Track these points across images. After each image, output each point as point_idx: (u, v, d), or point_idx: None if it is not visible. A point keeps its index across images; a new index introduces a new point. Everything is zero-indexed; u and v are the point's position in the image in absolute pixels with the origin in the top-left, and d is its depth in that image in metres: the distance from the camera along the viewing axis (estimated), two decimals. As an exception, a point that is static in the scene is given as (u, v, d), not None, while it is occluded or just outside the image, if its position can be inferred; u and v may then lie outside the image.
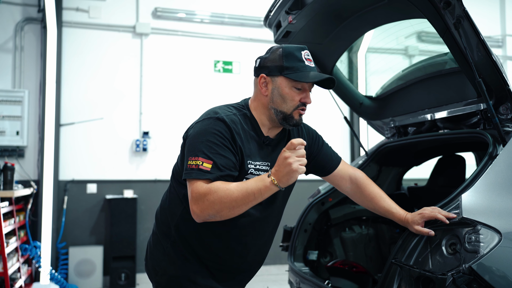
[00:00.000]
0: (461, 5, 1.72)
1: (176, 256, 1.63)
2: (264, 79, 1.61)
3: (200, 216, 1.44)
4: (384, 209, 1.79)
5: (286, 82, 1.57)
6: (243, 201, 1.41)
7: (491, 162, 1.73)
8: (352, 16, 2.32)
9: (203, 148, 1.47)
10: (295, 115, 1.59)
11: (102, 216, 5.34)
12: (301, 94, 1.58)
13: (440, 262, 1.57)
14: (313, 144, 1.81)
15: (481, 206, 1.58)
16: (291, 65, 1.56)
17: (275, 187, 1.42)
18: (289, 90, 1.57)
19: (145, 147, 5.48)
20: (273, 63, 1.59)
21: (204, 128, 1.52)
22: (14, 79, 5.16)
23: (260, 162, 1.59)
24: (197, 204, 1.42)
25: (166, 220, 1.69)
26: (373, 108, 2.87)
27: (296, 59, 1.57)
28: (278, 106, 1.58)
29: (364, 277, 2.52)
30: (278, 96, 1.58)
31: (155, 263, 1.69)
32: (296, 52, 1.58)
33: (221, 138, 1.49)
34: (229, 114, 1.58)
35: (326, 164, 1.83)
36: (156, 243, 1.71)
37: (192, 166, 1.46)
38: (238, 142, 1.53)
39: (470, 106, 2.10)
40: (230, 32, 5.93)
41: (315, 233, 2.82)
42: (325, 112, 5.92)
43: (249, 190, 1.41)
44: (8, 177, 4.02)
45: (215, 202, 1.40)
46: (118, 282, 4.99)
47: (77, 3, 5.43)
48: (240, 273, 1.70)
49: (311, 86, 1.61)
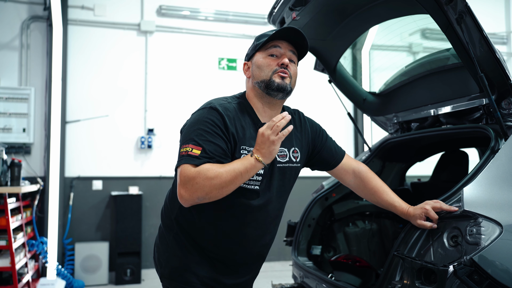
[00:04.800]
0: (463, 1, 1.73)
1: (179, 248, 1.65)
2: (246, 65, 1.70)
3: (189, 200, 1.45)
4: (387, 202, 1.80)
5: (260, 54, 1.64)
6: (232, 181, 1.44)
7: (493, 156, 1.74)
8: (355, 12, 2.34)
9: (193, 136, 1.50)
10: (275, 78, 1.60)
11: (108, 212, 5.39)
12: (277, 59, 1.62)
13: (442, 254, 1.59)
14: (316, 138, 1.81)
15: (482, 199, 1.60)
16: (261, 40, 1.64)
17: (260, 164, 1.46)
18: (263, 59, 1.62)
19: (150, 144, 5.51)
20: (250, 49, 1.70)
21: (197, 118, 1.56)
22: (20, 77, 5.21)
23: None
24: (186, 187, 1.44)
25: (168, 213, 1.72)
26: (377, 104, 2.88)
27: (265, 35, 1.64)
28: (258, 77, 1.62)
29: (367, 272, 2.54)
30: (256, 69, 1.63)
31: (160, 256, 1.72)
32: (267, 32, 1.65)
33: (212, 126, 1.52)
34: (222, 103, 1.61)
35: (330, 158, 1.84)
36: (161, 236, 1.75)
37: (182, 153, 1.49)
38: (231, 129, 1.54)
39: (473, 101, 2.12)
40: (234, 29, 5.95)
41: (318, 228, 2.84)
42: (328, 108, 5.94)
43: (236, 170, 1.45)
44: (16, 173, 4.06)
45: (205, 184, 1.42)
46: (123, 278, 5.04)
47: (83, 1, 5.47)
48: (242, 266, 1.70)
49: (288, 53, 1.64)
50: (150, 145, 5.51)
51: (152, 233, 5.47)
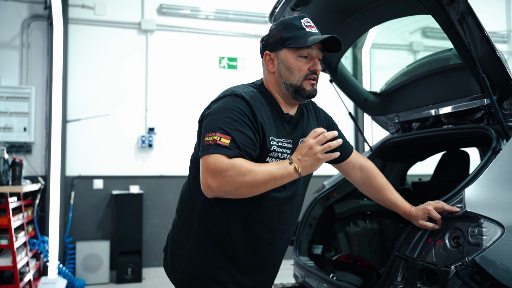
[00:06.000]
0: (465, 1, 1.73)
1: (200, 252, 1.56)
2: (269, 56, 1.57)
3: (215, 191, 1.37)
4: (390, 201, 1.80)
5: (290, 53, 1.52)
6: (264, 183, 1.39)
7: (494, 157, 1.75)
8: (357, 12, 2.34)
9: (221, 124, 1.41)
10: (306, 85, 1.53)
11: (109, 211, 5.39)
12: (309, 62, 1.53)
13: (444, 255, 1.60)
14: (330, 129, 1.77)
15: (484, 200, 1.61)
16: (291, 34, 1.51)
17: (297, 174, 1.42)
18: (294, 61, 1.52)
19: (151, 143, 5.52)
20: (274, 38, 1.55)
21: (222, 105, 1.46)
22: (21, 76, 5.21)
23: (282, 139, 1.53)
24: (215, 178, 1.36)
25: (187, 213, 1.62)
26: (378, 103, 2.88)
27: (296, 28, 1.52)
28: (287, 80, 1.53)
29: (369, 271, 2.55)
30: (285, 69, 1.53)
31: (176, 260, 1.63)
32: (295, 21, 1.53)
33: (240, 115, 1.43)
34: (247, 91, 1.52)
35: (341, 151, 1.78)
36: (177, 239, 1.65)
37: (209, 142, 1.39)
38: (259, 119, 1.47)
39: (474, 101, 2.12)
40: (235, 28, 5.95)
41: (319, 227, 2.84)
42: (328, 108, 5.93)
43: (272, 174, 1.39)
44: (17, 172, 4.06)
45: (236, 179, 1.35)
46: (124, 277, 5.05)
47: (83, 0, 5.47)
48: (267, 263, 1.64)
49: (318, 53, 1.54)
50: (150, 144, 5.52)
51: (153, 232, 5.48)
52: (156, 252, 5.42)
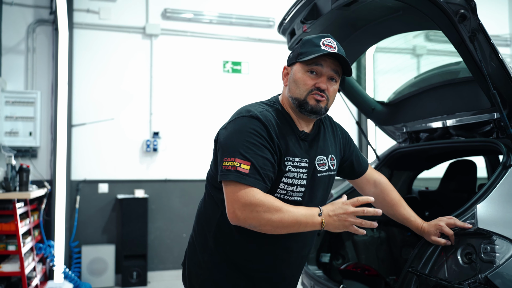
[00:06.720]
0: (476, 19, 1.74)
1: (216, 269, 1.58)
2: (286, 70, 1.60)
3: (241, 222, 1.39)
4: (403, 216, 1.82)
5: (300, 67, 1.53)
6: (288, 226, 1.40)
7: (505, 172, 1.77)
8: (366, 25, 2.36)
9: (239, 149, 1.41)
10: (310, 100, 1.51)
11: (114, 215, 5.42)
12: (316, 79, 1.51)
13: (456, 271, 1.62)
14: (346, 145, 1.79)
15: (496, 217, 1.63)
16: (306, 50, 1.51)
17: (320, 227, 1.42)
18: (302, 75, 1.52)
19: (156, 147, 5.54)
20: (293, 53, 1.57)
21: (238, 127, 1.46)
22: (26, 81, 5.22)
23: (298, 159, 1.53)
24: (244, 211, 1.37)
25: (202, 231, 1.63)
26: (385, 113, 2.90)
27: (313, 45, 1.51)
28: (293, 93, 1.54)
29: (377, 280, 2.57)
30: (292, 82, 1.54)
31: (192, 276, 1.65)
32: (315, 39, 1.52)
33: (257, 138, 1.43)
34: (262, 110, 1.51)
35: (357, 167, 1.82)
36: (193, 255, 1.66)
37: (229, 167, 1.40)
38: (276, 140, 1.47)
39: (483, 115, 2.14)
40: (239, 32, 5.96)
41: (327, 236, 2.86)
42: (332, 116, 5.95)
43: (298, 220, 1.39)
44: (24, 178, 4.09)
45: (263, 216, 1.37)
46: (130, 280, 5.08)
47: (88, 5, 5.48)
48: (283, 281, 1.65)
49: (330, 72, 1.52)
50: (155, 148, 5.54)
51: (158, 235, 5.51)
52: (161, 256, 5.45)
